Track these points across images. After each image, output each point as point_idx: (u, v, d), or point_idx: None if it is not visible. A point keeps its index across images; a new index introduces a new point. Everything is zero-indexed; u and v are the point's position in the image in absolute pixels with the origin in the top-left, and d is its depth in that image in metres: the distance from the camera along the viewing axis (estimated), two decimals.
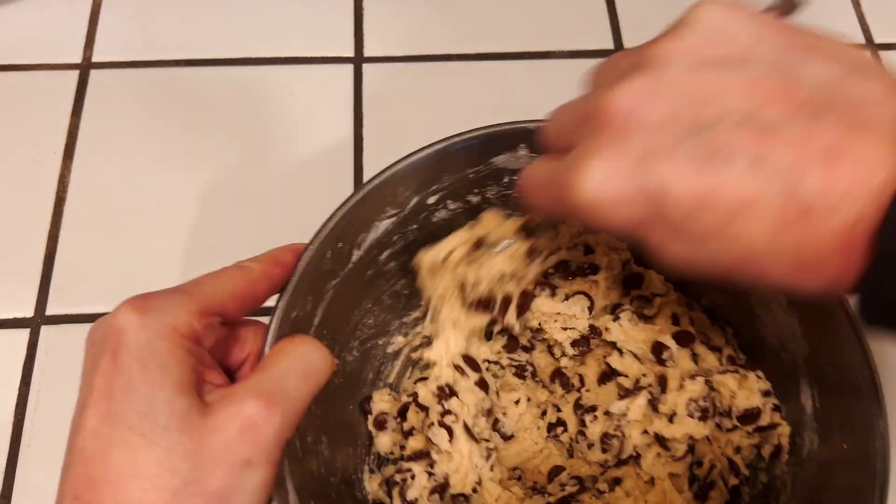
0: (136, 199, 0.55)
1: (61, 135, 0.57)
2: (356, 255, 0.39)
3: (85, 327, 0.50)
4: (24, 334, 0.50)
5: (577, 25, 0.64)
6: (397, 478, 0.40)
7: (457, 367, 0.41)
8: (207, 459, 0.27)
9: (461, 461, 0.40)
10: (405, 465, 0.41)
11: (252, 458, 0.28)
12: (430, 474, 0.40)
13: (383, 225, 0.40)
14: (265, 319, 0.35)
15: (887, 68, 0.26)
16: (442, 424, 0.40)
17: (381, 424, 0.42)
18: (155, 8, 0.63)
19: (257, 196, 0.55)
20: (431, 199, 0.41)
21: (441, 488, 0.40)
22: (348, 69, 0.61)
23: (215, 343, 0.31)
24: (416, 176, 0.40)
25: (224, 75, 0.60)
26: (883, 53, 0.63)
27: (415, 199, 0.41)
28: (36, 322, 0.50)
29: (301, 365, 0.32)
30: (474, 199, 0.43)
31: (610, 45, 0.63)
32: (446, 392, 0.41)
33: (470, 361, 0.42)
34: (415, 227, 0.42)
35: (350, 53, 0.61)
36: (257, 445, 0.28)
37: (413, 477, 0.40)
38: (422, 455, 0.41)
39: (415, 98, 0.59)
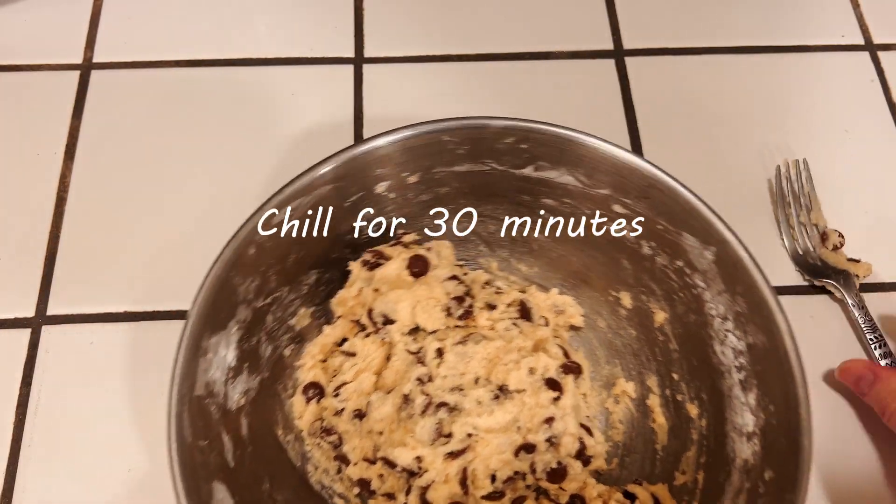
0: (136, 199, 0.55)
1: (62, 135, 0.57)
2: None
3: (85, 327, 0.51)
4: (24, 334, 0.50)
5: (577, 25, 0.64)
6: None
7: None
8: None
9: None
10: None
11: None
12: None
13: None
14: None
15: None
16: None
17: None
18: (155, 8, 0.63)
19: (256, 196, 0.55)
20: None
21: None
22: (348, 69, 0.61)
23: None
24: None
25: (224, 75, 0.60)
26: (882, 54, 0.63)
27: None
28: (37, 322, 0.50)
29: None
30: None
31: (610, 45, 0.63)
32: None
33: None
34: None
35: (350, 53, 0.62)
36: None
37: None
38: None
39: (415, 98, 0.59)
